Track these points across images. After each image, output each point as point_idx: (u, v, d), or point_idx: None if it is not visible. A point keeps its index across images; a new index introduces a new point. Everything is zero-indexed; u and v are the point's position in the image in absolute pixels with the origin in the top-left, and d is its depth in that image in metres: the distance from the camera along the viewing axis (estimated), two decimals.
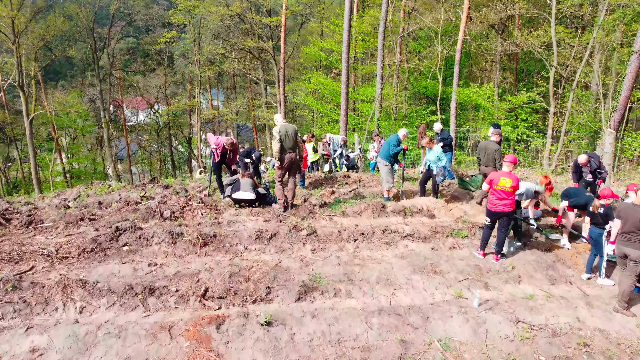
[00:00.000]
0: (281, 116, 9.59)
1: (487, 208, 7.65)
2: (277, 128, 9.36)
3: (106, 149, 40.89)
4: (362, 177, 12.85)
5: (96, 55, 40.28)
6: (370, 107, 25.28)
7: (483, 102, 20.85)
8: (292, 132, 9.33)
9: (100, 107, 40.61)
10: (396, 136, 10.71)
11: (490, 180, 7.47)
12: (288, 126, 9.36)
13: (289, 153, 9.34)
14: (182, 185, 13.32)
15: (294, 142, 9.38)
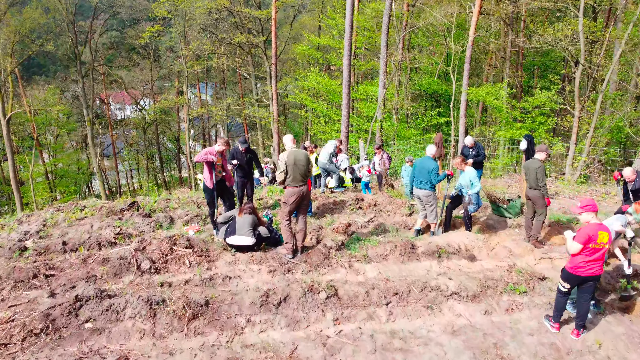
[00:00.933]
0: (291, 139, 7.60)
1: (569, 271, 5.73)
2: (283, 155, 7.41)
3: (90, 148, 38.47)
4: (378, 200, 10.92)
5: (77, 49, 37.73)
6: (372, 107, 23.30)
7: (497, 102, 18.97)
8: (303, 162, 7.37)
9: (83, 104, 38.15)
10: (430, 161, 8.77)
11: (587, 237, 5.47)
12: (298, 153, 7.39)
13: (299, 186, 7.39)
14: (167, 207, 11.32)
15: (305, 174, 7.42)
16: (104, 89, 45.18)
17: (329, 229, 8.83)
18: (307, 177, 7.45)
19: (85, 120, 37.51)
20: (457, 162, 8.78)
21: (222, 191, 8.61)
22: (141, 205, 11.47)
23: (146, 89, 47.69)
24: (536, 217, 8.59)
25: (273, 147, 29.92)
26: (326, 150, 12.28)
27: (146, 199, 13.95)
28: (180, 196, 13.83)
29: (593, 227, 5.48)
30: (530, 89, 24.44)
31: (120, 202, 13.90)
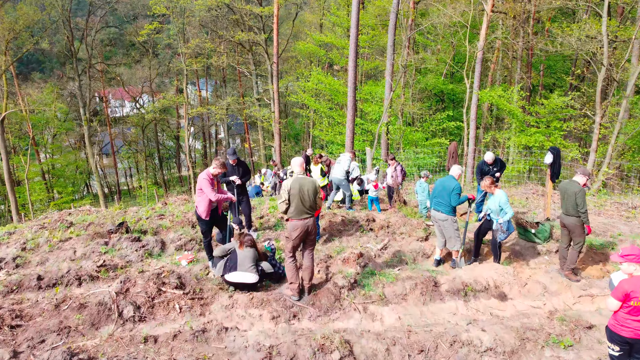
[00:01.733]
0: (300, 164, 6.55)
1: (612, 330, 4.69)
2: (287, 183, 6.37)
3: (88, 148, 37.38)
4: (391, 220, 9.87)
5: (74, 47, 36.58)
6: (376, 108, 22.22)
7: (510, 106, 17.85)
8: (310, 192, 6.33)
9: (80, 103, 37.03)
10: (452, 180, 7.72)
11: (625, 294, 4.44)
12: (305, 182, 6.34)
13: (303, 219, 6.34)
14: (159, 227, 10.29)
15: (312, 205, 6.38)
16: (102, 86, 44.06)
17: (339, 259, 7.79)
18: (313, 209, 6.42)
19: (83, 120, 36.44)
20: (486, 184, 7.71)
21: (216, 219, 7.57)
22: (131, 225, 10.43)
23: (145, 86, 46.57)
24: (572, 247, 7.56)
25: (274, 147, 28.88)
26: (342, 165, 11.25)
27: (138, 213, 12.95)
28: (175, 210, 12.82)
29: (635, 282, 4.44)
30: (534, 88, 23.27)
31: (110, 217, 12.91)
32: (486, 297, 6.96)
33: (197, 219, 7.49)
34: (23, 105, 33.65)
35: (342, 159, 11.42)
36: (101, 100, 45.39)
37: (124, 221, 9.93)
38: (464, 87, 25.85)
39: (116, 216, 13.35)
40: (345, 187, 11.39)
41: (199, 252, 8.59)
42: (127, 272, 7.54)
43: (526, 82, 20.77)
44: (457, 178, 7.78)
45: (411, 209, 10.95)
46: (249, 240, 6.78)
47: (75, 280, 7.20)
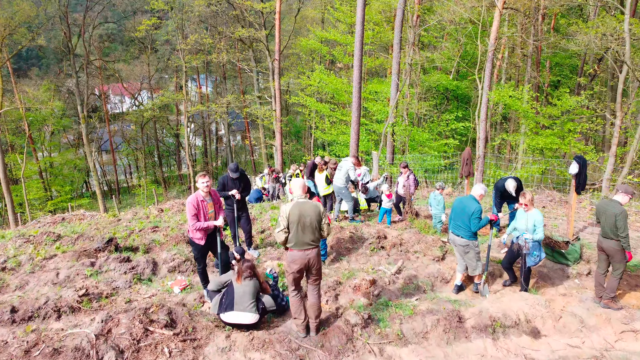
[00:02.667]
0: (302, 187, 5.66)
1: None
2: (286, 208, 5.47)
3: (86, 146, 36.45)
4: (404, 237, 9.00)
5: (71, 43, 35.60)
6: (381, 108, 21.30)
7: (523, 107, 16.91)
8: (313, 219, 5.43)
9: (77, 100, 36.06)
10: (472, 202, 6.82)
11: None
12: (306, 207, 5.46)
13: (304, 250, 5.46)
14: (152, 244, 9.43)
15: (315, 234, 5.49)
16: (101, 82, 43.07)
17: (349, 287, 6.93)
18: (317, 239, 5.54)
19: (80, 117, 35.50)
20: (527, 200, 6.79)
21: (213, 244, 6.70)
22: (121, 240, 9.58)
23: (144, 82, 45.62)
24: (612, 274, 6.71)
25: (275, 147, 27.97)
26: (342, 172, 10.36)
27: (132, 223, 12.09)
28: (170, 221, 11.97)
29: None
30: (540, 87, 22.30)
31: (102, 226, 12.05)
32: (517, 334, 6.10)
33: (190, 243, 6.62)
34: (20, 102, 32.75)
35: (343, 165, 10.53)
36: (99, 97, 44.40)
37: (112, 237, 9.05)
38: (469, 84, 24.99)
39: (109, 225, 12.51)
40: (346, 197, 10.51)
41: (194, 276, 7.74)
42: (112, 303, 6.69)
43: (538, 81, 19.78)
44: (479, 199, 6.88)
45: (424, 222, 10.07)
46: (248, 271, 5.90)
47: (54, 313, 6.35)
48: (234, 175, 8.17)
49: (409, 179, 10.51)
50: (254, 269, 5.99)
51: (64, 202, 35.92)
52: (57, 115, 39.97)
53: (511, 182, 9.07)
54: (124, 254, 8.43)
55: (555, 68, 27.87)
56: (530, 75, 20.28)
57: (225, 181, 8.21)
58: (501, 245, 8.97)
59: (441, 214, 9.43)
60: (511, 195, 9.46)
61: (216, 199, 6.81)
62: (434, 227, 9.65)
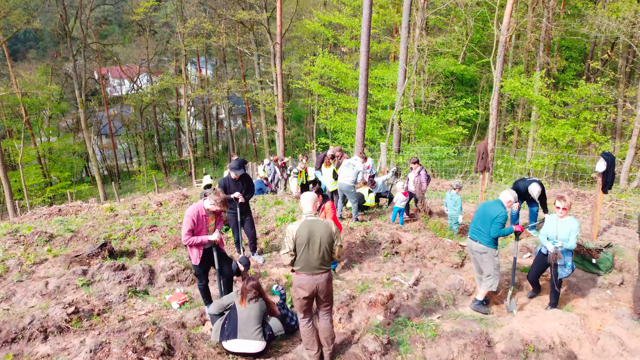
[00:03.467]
0: (312, 202, 4.93)
1: None
2: (293, 227, 4.75)
3: (84, 132, 35.65)
4: (419, 242, 8.34)
5: (67, 26, 34.54)
6: (387, 94, 20.47)
7: (536, 96, 16.07)
8: (324, 240, 4.68)
9: (75, 85, 35.14)
10: (498, 206, 6.14)
11: None
12: (316, 226, 4.71)
13: (312, 275, 4.75)
14: (149, 247, 8.79)
15: (326, 258, 4.79)
16: (99, 65, 42.03)
17: (364, 302, 6.29)
18: (328, 262, 4.83)
19: (78, 102, 34.64)
20: (566, 205, 6.10)
21: (216, 259, 5.99)
22: (117, 242, 8.94)
23: (143, 65, 44.58)
24: None
25: (277, 132, 27.19)
26: (352, 170, 9.65)
27: (129, 220, 11.44)
28: (169, 218, 11.31)
29: None
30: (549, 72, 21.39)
31: (98, 223, 11.40)
32: (552, 359, 5.47)
33: (190, 257, 5.95)
34: (16, 87, 31.86)
35: (356, 164, 9.80)
36: (97, 81, 43.40)
37: (106, 242, 8.39)
38: (477, 68, 24.10)
39: (105, 222, 11.87)
40: (352, 196, 9.82)
41: (194, 287, 7.11)
42: (104, 321, 6.06)
43: (551, 66, 18.85)
44: (507, 205, 6.19)
45: (440, 223, 9.40)
46: (253, 291, 5.20)
47: (40, 334, 5.74)
48: (237, 173, 7.46)
49: (420, 175, 9.80)
50: (260, 289, 5.31)
51: (63, 189, 35.28)
52: (55, 99, 39.10)
53: (535, 187, 8.39)
54: (119, 261, 7.77)
55: (564, 52, 26.93)
56: (542, 60, 19.38)
57: (227, 183, 7.52)
58: (523, 249, 8.32)
59: (458, 215, 8.75)
60: (530, 197, 8.81)
61: (219, 220, 6.10)
62: (450, 229, 8.98)
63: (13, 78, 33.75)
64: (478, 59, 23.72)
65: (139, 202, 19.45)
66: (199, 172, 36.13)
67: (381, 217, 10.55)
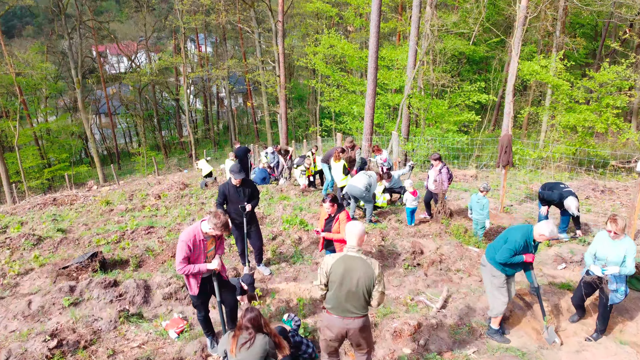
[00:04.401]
0: (358, 236, 4.04)
1: None
2: (328, 261, 3.98)
3: (81, 112, 34.56)
4: (443, 252, 7.49)
5: (62, 2, 33.13)
6: (396, 76, 19.39)
7: (557, 80, 14.99)
8: (362, 282, 3.88)
9: (71, 64, 33.90)
10: (520, 233, 5.17)
11: None
12: (355, 265, 3.91)
13: (345, 318, 3.97)
14: (145, 255, 7.95)
15: (360, 301, 3.94)
16: (95, 43, 40.63)
17: (387, 332, 5.47)
18: (364, 307, 4.00)
19: (75, 82, 33.48)
20: (619, 229, 5.17)
21: (217, 289, 5.09)
22: (109, 248, 8.10)
23: (141, 43, 43.17)
24: None
25: (279, 114, 26.15)
26: (363, 178, 8.83)
27: (124, 217, 10.58)
28: (168, 217, 10.45)
29: None
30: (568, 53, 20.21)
31: (93, 218, 10.55)
32: None
33: (186, 286, 5.09)
34: (10, 66, 30.61)
35: (372, 175, 9.02)
36: (93, 59, 42.03)
37: (97, 252, 7.54)
38: (487, 48, 22.94)
39: (99, 218, 11.02)
40: (366, 199, 8.96)
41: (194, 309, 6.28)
42: (91, 356, 5.25)
43: (569, 47, 17.63)
44: (537, 238, 5.17)
45: (463, 227, 8.52)
46: (248, 331, 4.18)
47: None
48: (238, 177, 6.53)
49: (442, 172, 8.90)
50: (259, 320, 4.27)
51: (62, 171, 34.38)
52: (51, 79, 37.89)
53: (573, 202, 7.52)
54: (110, 275, 6.96)
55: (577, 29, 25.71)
56: (560, 40, 18.19)
57: (227, 190, 6.60)
58: (557, 259, 7.48)
59: (485, 220, 7.87)
60: (560, 203, 7.94)
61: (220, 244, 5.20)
62: (475, 234, 8.11)
63: (6, 56, 32.50)
64: (488, 39, 22.54)
65: (137, 188, 18.60)
66: (200, 153, 35.20)
67: (396, 214, 9.70)
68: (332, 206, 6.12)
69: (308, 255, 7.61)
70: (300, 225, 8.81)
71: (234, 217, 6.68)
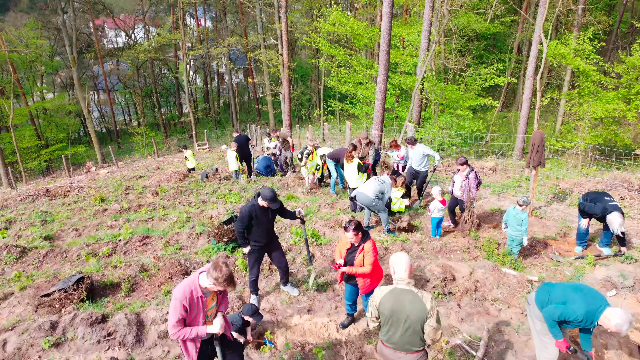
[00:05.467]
0: (406, 268, 3.67)
1: None
2: (377, 295, 3.82)
3: (78, 91, 33.27)
4: (478, 277, 6.54)
5: None
6: (408, 58, 18.13)
7: (583, 65, 13.73)
8: (411, 319, 3.61)
9: (65, 41, 32.39)
10: (593, 311, 4.14)
11: None
12: (403, 300, 3.66)
13: (398, 351, 3.78)
14: (139, 278, 7.03)
15: (412, 337, 3.65)
16: (91, 17, 38.93)
17: None
18: (418, 343, 3.67)
19: (70, 60, 32.06)
20: None
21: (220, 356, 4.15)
22: (97, 269, 7.16)
23: (138, 18, 41.49)
24: None
25: (282, 94, 24.92)
26: (374, 185, 7.84)
27: (118, 222, 9.61)
28: (165, 219, 9.48)
29: None
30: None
31: (86, 216, 9.58)
32: None
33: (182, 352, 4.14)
34: (2, 44, 29.20)
35: (385, 181, 8.00)
36: (88, 36, 40.40)
37: (83, 276, 6.59)
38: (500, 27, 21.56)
39: (92, 219, 10.06)
40: (379, 208, 7.96)
41: None
42: None
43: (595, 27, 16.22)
44: (603, 322, 4.13)
45: (495, 242, 7.52)
46: None
47: None
48: (274, 206, 5.57)
49: (469, 178, 7.87)
50: None
51: (59, 151, 33.32)
52: (47, 56, 36.46)
53: (617, 219, 6.53)
54: (97, 308, 6.04)
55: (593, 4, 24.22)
56: (581, 20, 16.81)
57: (254, 213, 5.61)
58: (605, 284, 6.53)
59: (523, 237, 6.89)
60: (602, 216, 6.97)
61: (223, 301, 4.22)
62: (510, 253, 7.13)
63: None
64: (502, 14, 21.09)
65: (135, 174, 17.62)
66: (200, 133, 34.05)
67: (417, 222, 8.72)
68: (356, 235, 5.12)
69: (323, 280, 6.67)
70: (312, 238, 7.84)
71: (257, 240, 5.75)
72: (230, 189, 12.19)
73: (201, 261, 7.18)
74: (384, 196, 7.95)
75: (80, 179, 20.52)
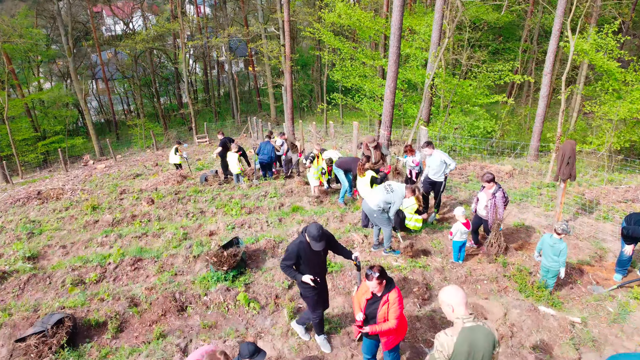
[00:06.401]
0: (464, 300, 3.31)
1: None
2: (447, 343, 3.29)
3: (74, 82, 32.20)
4: (512, 317, 5.72)
5: None
6: (417, 52, 17.12)
7: (608, 64, 12.74)
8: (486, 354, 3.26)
9: (61, 31, 31.21)
10: None
11: None
12: (477, 337, 3.25)
13: None
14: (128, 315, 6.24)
15: None
16: (89, 6, 37.66)
17: None
18: None
19: (66, 50, 30.93)
20: None
21: None
22: (81, 304, 6.35)
23: (136, 5, 40.21)
24: None
25: (284, 86, 23.90)
26: (382, 194, 6.97)
27: (110, 238, 8.77)
28: (159, 237, 8.63)
29: None
30: None
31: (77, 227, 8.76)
32: None
33: None
34: None
35: (395, 189, 7.07)
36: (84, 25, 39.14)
37: (64, 317, 5.77)
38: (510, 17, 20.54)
39: (82, 232, 9.22)
40: (382, 222, 7.10)
41: None
42: None
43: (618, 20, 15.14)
44: None
45: (526, 271, 6.70)
46: None
47: None
48: (318, 247, 4.70)
49: (496, 197, 7.00)
50: None
51: (56, 144, 32.37)
52: (43, 45, 35.27)
53: None
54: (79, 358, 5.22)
55: None
56: (599, 12, 15.74)
57: (301, 252, 4.77)
58: (638, 328, 5.72)
59: (560, 268, 6.05)
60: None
61: None
62: (544, 284, 6.29)
63: None
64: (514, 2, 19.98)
65: (132, 171, 16.80)
66: (200, 126, 33.08)
67: (436, 245, 7.85)
68: (380, 284, 4.28)
69: (337, 320, 5.84)
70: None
71: (306, 287, 4.92)
72: (232, 196, 11.34)
73: (198, 294, 6.36)
74: (391, 207, 7.03)
75: (77, 173, 19.70)
